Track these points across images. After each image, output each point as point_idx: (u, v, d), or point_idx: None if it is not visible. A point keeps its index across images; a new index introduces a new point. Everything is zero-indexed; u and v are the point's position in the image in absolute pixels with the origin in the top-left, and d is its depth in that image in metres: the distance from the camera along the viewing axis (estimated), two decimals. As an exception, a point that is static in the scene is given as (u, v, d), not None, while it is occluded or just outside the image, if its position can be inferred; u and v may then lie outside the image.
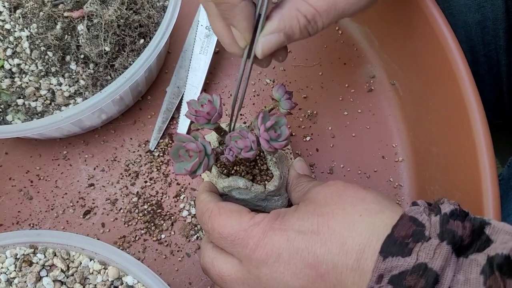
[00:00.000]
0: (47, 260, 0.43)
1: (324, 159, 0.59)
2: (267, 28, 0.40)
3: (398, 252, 0.32)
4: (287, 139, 0.43)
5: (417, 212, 0.34)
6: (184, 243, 0.55)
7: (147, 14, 0.55)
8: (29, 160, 0.58)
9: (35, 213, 0.56)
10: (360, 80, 0.63)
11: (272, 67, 0.63)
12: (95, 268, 0.43)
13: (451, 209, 0.33)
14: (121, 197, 0.56)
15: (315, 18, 0.40)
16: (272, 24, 0.39)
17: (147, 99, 0.61)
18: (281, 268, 0.36)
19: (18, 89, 0.55)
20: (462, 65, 0.49)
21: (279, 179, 0.47)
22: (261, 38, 0.40)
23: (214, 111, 0.42)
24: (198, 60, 0.60)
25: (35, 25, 0.54)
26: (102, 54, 0.53)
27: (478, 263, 0.30)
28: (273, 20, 0.39)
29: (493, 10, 0.59)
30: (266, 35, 0.40)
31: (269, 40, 0.40)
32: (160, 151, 0.58)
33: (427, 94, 0.55)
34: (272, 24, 0.39)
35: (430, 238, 0.32)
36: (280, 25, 0.39)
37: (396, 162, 0.59)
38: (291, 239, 0.36)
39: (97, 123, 0.57)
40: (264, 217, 0.39)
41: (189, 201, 0.56)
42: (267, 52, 0.41)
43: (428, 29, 0.52)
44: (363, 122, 0.60)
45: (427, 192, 0.54)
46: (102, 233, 0.55)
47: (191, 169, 0.40)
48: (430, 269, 0.30)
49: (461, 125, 0.49)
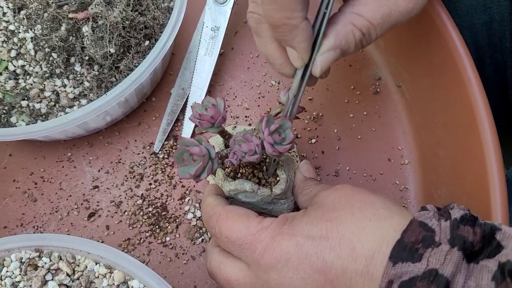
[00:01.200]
0: (53, 264, 0.43)
1: (330, 161, 0.58)
2: (324, 46, 0.39)
3: (408, 257, 0.31)
4: (292, 143, 0.42)
5: (427, 217, 0.34)
6: (189, 246, 0.54)
7: (152, 15, 0.55)
8: (33, 162, 0.58)
9: (39, 215, 0.56)
10: (366, 82, 0.62)
11: (277, 69, 0.63)
12: (101, 272, 0.43)
13: (461, 214, 0.33)
14: (126, 200, 0.56)
15: (369, 31, 0.40)
16: (329, 42, 0.39)
17: (152, 101, 0.61)
18: (290, 273, 0.36)
19: (23, 90, 0.54)
20: (470, 67, 0.49)
21: (285, 182, 0.47)
22: (318, 57, 0.40)
23: (218, 114, 0.41)
24: (203, 61, 0.59)
25: (39, 26, 0.54)
26: (107, 56, 0.53)
27: (489, 269, 0.30)
28: (329, 37, 0.39)
29: (499, 11, 0.59)
30: (323, 53, 0.39)
31: (327, 58, 0.40)
32: (165, 153, 0.58)
33: (434, 96, 0.55)
34: (329, 42, 0.39)
35: (441, 243, 0.32)
36: (336, 42, 0.39)
37: (402, 164, 0.58)
38: (300, 244, 0.36)
39: (101, 125, 0.57)
40: (272, 221, 0.38)
41: (194, 203, 0.56)
42: (324, 70, 0.40)
43: (435, 31, 0.51)
44: (369, 125, 0.60)
45: (433, 196, 0.54)
46: (107, 235, 0.55)
47: (195, 173, 0.40)
48: (441, 275, 0.30)
49: (468, 127, 0.48)
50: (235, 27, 0.65)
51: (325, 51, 0.39)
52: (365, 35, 0.40)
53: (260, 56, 0.64)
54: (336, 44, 0.39)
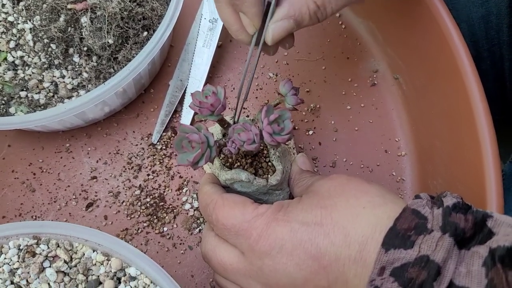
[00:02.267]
0: (50, 251, 0.43)
1: (327, 153, 0.59)
2: (277, 14, 0.39)
3: (400, 244, 0.32)
4: (290, 133, 0.43)
5: (420, 205, 0.34)
6: (187, 236, 0.55)
7: (151, 6, 0.55)
8: (31, 153, 0.58)
9: (37, 205, 0.56)
10: (363, 75, 0.62)
11: (275, 61, 0.63)
12: (98, 259, 0.43)
13: (454, 202, 0.33)
14: (124, 190, 0.57)
15: (324, 4, 0.40)
16: (282, 10, 0.39)
17: (150, 93, 0.61)
18: (284, 259, 0.36)
19: (21, 81, 0.55)
20: (467, 59, 0.49)
21: (281, 173, 0.47)
22: (271, 25, 0.40)
23: (218, 103, 0.42)
24: (201, 53, 0.60)
25: (38, 18, 0.54)
26: (105, 47, 0.53)
27: (480, 255, 0.30)
28: (283, 6, 0.39)
29: (496, 5, 0.59)
30: (276, 21, 0.40)
31: (279, 26, 0.40)
32: (163, 144, 0.59)
33: (431, 89, 0.55)
34: (282, 10, 0.39)
35: (433, 230, 0.32)
36: (290, 11, 0.39)
37: (399, 156, 0.59)
38: (294, 230, 0.36)
39: (100, 116, 0.57)
40: (268, 208, 0.39)
41: (191, 194, 0.56)
42: (277, 38, 0.41)
43: (432, 23, 0.52)
44: (366, 116, 0.60)
45: (429, 186, 0.55)
46: (105, 225, 0.55)
47: (193, 160, 0.40)
48: (432, 261, 0.30)
49: (465, 119, 0.49)
50: (234, 19, 0.65)
51: (278, 19, 0.40)
52: (319, 8, 0.40)
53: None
54: (289, 13, 0.39)
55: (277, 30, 0.40)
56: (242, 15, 0.40)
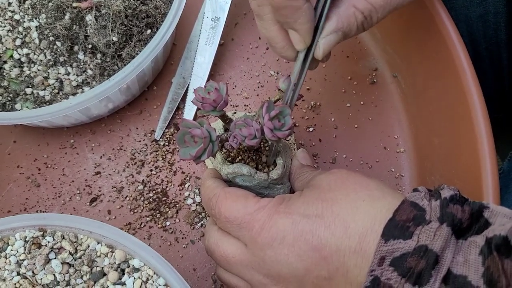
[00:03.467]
0: (56, 243, 0.44)
1: (327, 149, 0.60)
2: (327, 28, 0.40)
3: (399, 235, 0.32)
4: (291, 129, 0.43)
5: (418, 198, 0.35)
6: (189, 230, 0.56)
7: (154, 4, 0.56)
8: (36, 148, 0.59)
9: (42, 200, 0.57)
10: (363, 73, 0.63)
11: (276, 59, 0.64)
12: (103, 251, 0.44)
13: (451, 194, 0.34)
14: (127, 185, 0.57)
15: (371, 14, 0.40)
16: (331, 24, 0.39)
17: (153, 90, 0.62)
18: (285, 250, 0.37)
19: (27, 78, 0.56)
20: (464, 58, 0.50)
21: (282, 167, 0.48)
22: (321, 39, 0.40)
23: (220, 98, 0.42)
24: (204, 51, 0.60)
25: (44, 16, 0.55)
26: (110, 44, 0.54)
27: (476, 244, 0.31)
28: (332, 20, 0.40)
29: (494, 4, 0.60)
30: (326, 36, 0.40)
31: (330, 40, 0.40)
32: (166, 140, 0.59)
33: (429, 86, 0.56)
34: (331, 24, 0.39)
35: (431, 221, 0.32)
36: (338, 25, 0.39)
37: (397, 153, 0.59)
38: (296, 222, 0.37)
39: (104, 112, 0.58)
40: (270, 201, 0.40)
41: (193, 189, 0.57)
42: (327, 52, 0.41)
43: (431, 22, 0.52)
44: (365, 114, 0.61)
45: (428, 182, 0.55)
46: (108, 220, 0.56)
47: (196, 155, 0.41)
48: (431, 250, 0.31)
49: (462, 116, 0.50)
50: (235, 18, 0.66)
51: (328, 33, 0.40)
52: (366, 18, 0.40)
53: (259, 47, 0.65)
54: (338, 27, 0.40)
55: (327, 44, 0.40)
56: (292, 32, 0.40)
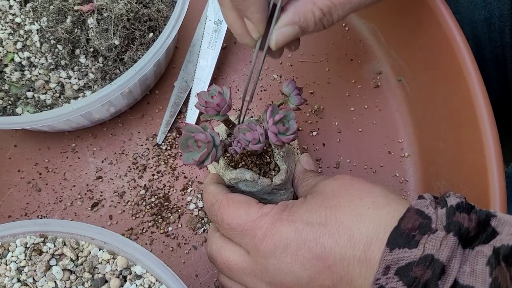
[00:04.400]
0: (57, 249, 0.43)
1: (331, 154, 0.59)
2: (282, 20, 0.39)
3: (405, 244, 0.32)
4: (295, 133, 0.43)
5: (424, 205, 0.34)
6: (191, 235, 0.55)
7: (157, 8, 0.55)
8: (37, 153, 0.59)
9: (43, 205, 0.56)
10: (366, 76, 0.63)
11: (280, 62, 0.63)
12: (104, 258, 0.44)
13: (457, 202, 0.34)
14: (129, 190, 0.57)
15: (330, 11, 0.40)
16: (287, 17, 0.39)
17: (155, 93, 0.62)
18: (289, 258, 0.36)
19: (28, 82, 0.55)
20: (470, 61, 0.49)
21: (285, 173, 0.47)
22: (275, 31, 0.40)
23: (224, 102, 0.42)
24: (206, 55, 0.60)
25: (45, 19, 0.55)
26: (112, 48, 0.54)
27: (484, 254, 0.30)
28: (288, 12, 0.39)
29: (499, 7, 0.59)
30: (280, 27, 0.40)
31: (284, 32, 0.40)
32: (168, 144, 0.59)
33: (434, 90, 0.55)
34: (287, 17, 0.39)
35: (437, 230, 0.32)
36: (295, 18, 0.39)
37: (402, 157, 0.59)
38: (299, 230, 0.36)
39: (105, 116, 0.58)
40: (272, 208, 0.39)
41: (196, 194, 0.57)
42: (281, 44, 0.41)
43: (436, 25, 0.52)
44: (369, 118, 0.61)
45: (433, 188, 0.55)
46: (110, 225, 0.55)
47: (199, 159, 0.40)
48: (437, 260, 0.30)
49: (468, 121, 0.49)
50: (238, 21, 0.66)
51: (283, 25, 0.40)
52: (325, 15, 0.40)
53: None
54: (294, 20, 0.39)
55: (281, 36, 0.40)
56: (246, 20, 0.40)
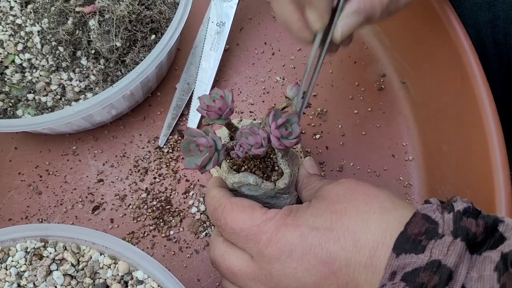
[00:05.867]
0: (58, 254, 0.43)
1: (334, 157, 0.58)
2: (347, 9, 0.37)
3: (411, 249, 0.31)
4: (298, 137, 0.42)
5: (430, 210, 0.34)
6: (193, 239, 0.55)
7: (159, 9, 0.55)
8: (38, 155, 0.58)
9: (44, 208, 0.56)
10: (370, 79, 0.62)
11: (282, 65, 0.63)
12: (105, 263, 0.43)
13: (464, 206, 0.33)
14: (130, 193, 0.56)
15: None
16: (352, 5, 0.37)
17: (157, 96, 0.61)
18: (294, 264, 0.36)
19: (29, 84, 0.55)
20: (474, 62, 0.49)
21: (289, 177, 0.47)
22: (340, 21, 0.37)
23: (226, 106, 0.42)
24: (208, 57, 0.60)
25: (46, 20, 0.54)
26: (113, 50, 0.53)
27: (491, 260, 0.30)
28: (352, 0, 0.37)
29: (504, 9, 0.59)
30: (346, 17, 0.37)
31: (349, 22, 0.37)
32: (170, 147, 0.58)
33: (438, 93, 0.55)
34: (352, 5, 0.37)
35: (444, 235, 0.32)
36: (360, 5, 0.37)
37: (406, 161, 0.58)
38: (304, 235, 0.36)
39: (107, 119, 0.57)
40: (277, 212, 0.39)
41: (198, 197, 0.56)
42: (346, 35, 0.38)
43: (440, 27, 0.52)
44: (373, 121, 0.60)
45: (437, 191, 0.54)
46: (111, 228, 0.55)
47: (201, 164, 0.40)
48: (444, 266, 0.30)
49: (473, 123, 0.49)
50: (241, 23, 0.65)
51: (348, 14, 0.37)
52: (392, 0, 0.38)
53: (265, 52, 0.64)
54: (359, 8, 0.37)
55: (347, 26, 0.37)
56: (309, 11, 0.37)
